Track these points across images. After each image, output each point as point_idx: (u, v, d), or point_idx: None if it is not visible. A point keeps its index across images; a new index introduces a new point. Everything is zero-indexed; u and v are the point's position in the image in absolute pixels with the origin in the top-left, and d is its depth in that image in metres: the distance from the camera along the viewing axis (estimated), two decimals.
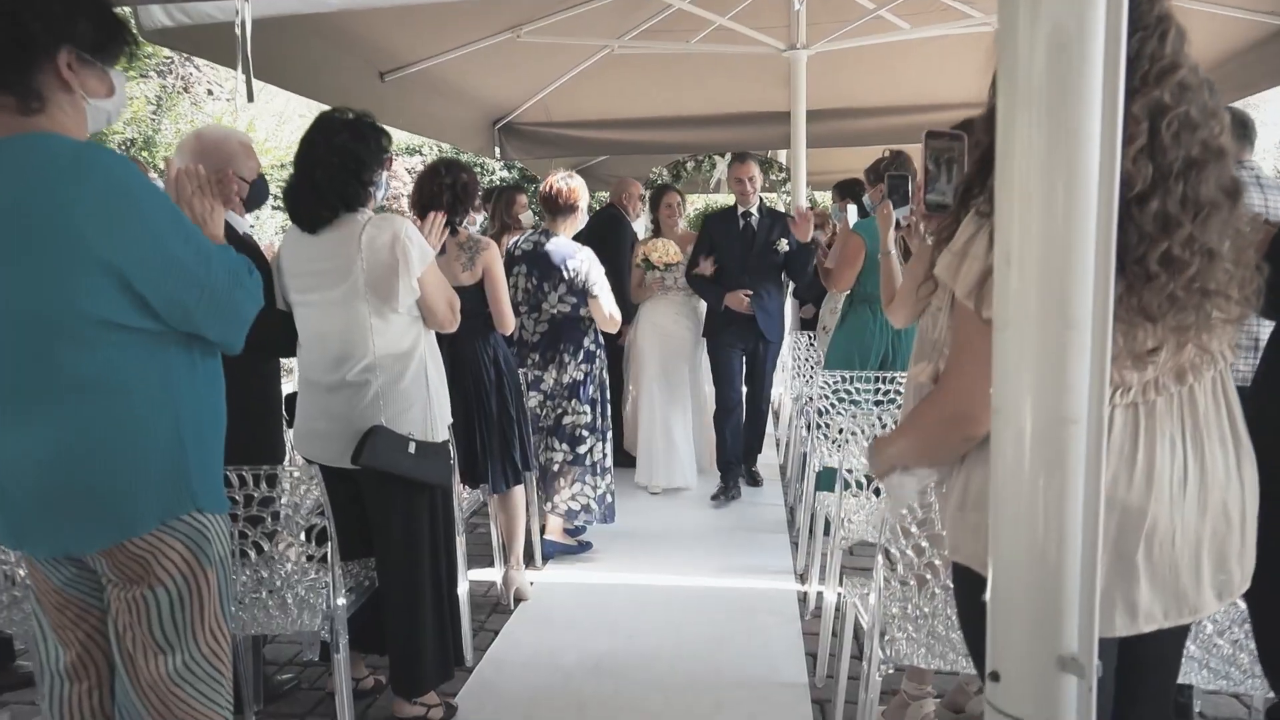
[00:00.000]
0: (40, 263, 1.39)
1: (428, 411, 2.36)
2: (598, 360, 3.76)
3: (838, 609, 2.62)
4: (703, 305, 4.72)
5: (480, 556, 3.71)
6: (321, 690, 2.68)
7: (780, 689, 2.65)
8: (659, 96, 6.51)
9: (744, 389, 4.70)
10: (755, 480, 4.87)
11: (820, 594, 3.03)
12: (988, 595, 1.00)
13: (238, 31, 3.32)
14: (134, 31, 3.08)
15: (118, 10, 1.56)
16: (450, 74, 5.23)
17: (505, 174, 13.38)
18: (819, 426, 3.50)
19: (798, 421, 4.55)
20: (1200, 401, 1.22)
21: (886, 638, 1.90)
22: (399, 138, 12.28)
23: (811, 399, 4.02)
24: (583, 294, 3.59)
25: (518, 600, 3.31)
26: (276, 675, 2.73)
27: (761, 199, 4.59)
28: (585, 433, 3.71)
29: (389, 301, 2.26)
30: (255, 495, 2.09)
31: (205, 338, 1.58)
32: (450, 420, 2.50)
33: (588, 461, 3.73)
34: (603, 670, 2.78)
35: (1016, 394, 0.94)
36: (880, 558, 1.91)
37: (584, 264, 3.58)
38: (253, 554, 2.13)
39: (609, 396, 3.89)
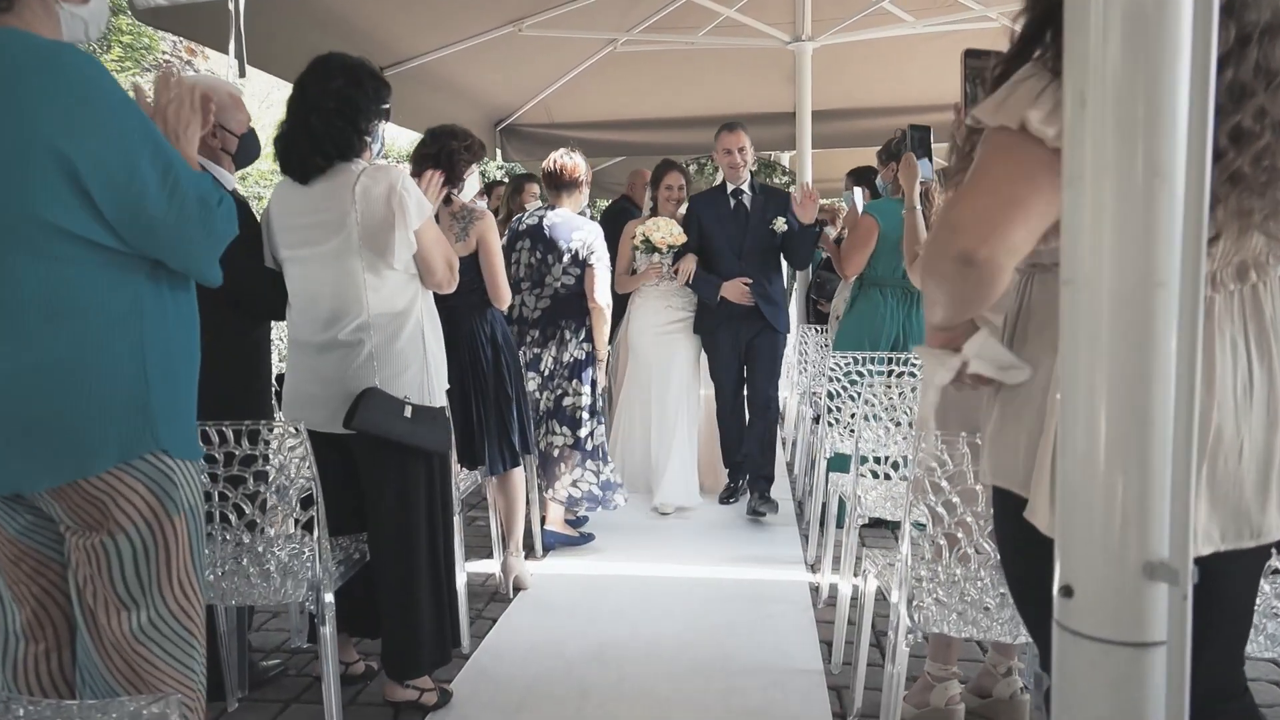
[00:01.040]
0: None
1: (424, 375, 2.24)
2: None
3: (854, 599, 2.48)
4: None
5: (479, 548, 3.58)
6: (309, 676, 2.54)
7: (794, 675, 2.50)
8: (661, 97, 6.44)
9: (744, 392, 4.17)
10: (766, 507, 3.99)
11: (834, 585, 2.89)
12: (1056, 496, 0.87)
13: (230, 4, 3.25)
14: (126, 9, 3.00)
15: None
16: (450, 70, 5.15)
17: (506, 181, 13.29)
18: (830, 410, 3.37)
19: (806, 415, 4.40)
20: (1265, 303, 1.11)
21: (915, 603, 1.76)
22: (402, 143, 12.24)
23: (817, 393, 3.88)
24: (586, 266, 3.48)
25: (517, 589, 3.17)
26: (262, 661, 2.59)
27: (753, 175, 4.08)
28: (585, 415, 3.57)
29: (384, 256, 2.14)
30: (236, 453, 1.95)
31: (171, 267, 1.46)
32: (447, 386, 2.37)
33: (588, 446, 3.59)
34: (606, 658, 2.63)
35: (1092, 256, 0.82)
36: (906, 517, 1.78)
37: (590, 235, 3.48)
38: (234, 517, 1.99)
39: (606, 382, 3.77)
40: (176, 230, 1.40)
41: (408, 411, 2.15)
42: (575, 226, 3.50)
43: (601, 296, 3.50)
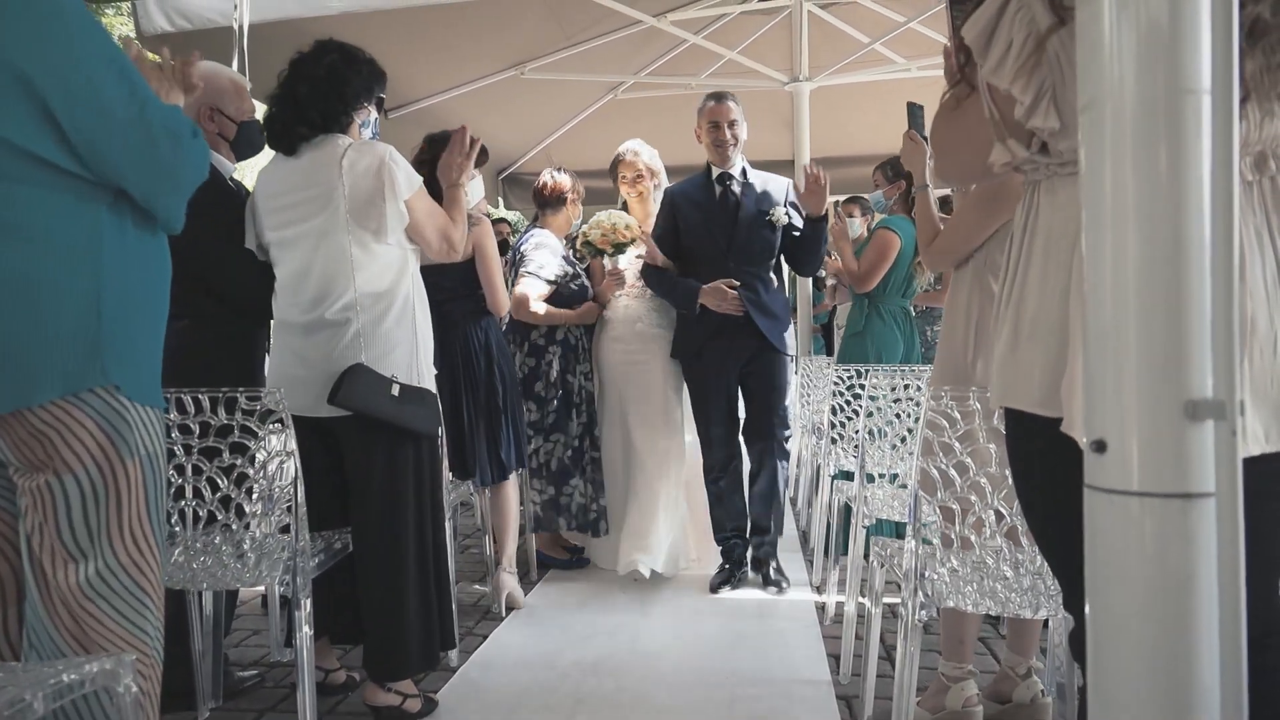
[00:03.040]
0: None
1: (414, 356, 2.16)
2: (548, 355, 3.45)
3: (861, 616, 2.35)
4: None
5: (471, 573, 3.45)
6: (286, 688, 2.39)
7: (802, 685, 2.36)
8: (662, 145, 6.48)
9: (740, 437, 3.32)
10: (777, 582, 3.22)
11: (840, 603, 2.75)
12: (1083, 340, 0.79)
13: (235, 27, 3.30)
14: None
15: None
16: (453, 114, 5.20)
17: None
18: (833, 426, 3.27)
19: (808, 448, 4.27)
20: None
21: (927, 574, 1.64)
22: None
23: (819, 423, 3.75)
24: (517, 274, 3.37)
25: (509, 608, 3.02)
26: (239, 673, 2.45)
27: (744, 160, 3.26)
28: (531, 431, 3.40)
29: (376, 232, 2.09)
30: (212, 423, 1.87)
31: (139, 204, 1.40)
32: (435, 371, 2.29)
33: (534, 464, 3.43)
34: (602, 669, 2.49)
35: (1113, 68, 0.75)
36: (913, 481, 1.68)
37: (529, 244, 3.40)
38: (208, 492, 1.89)
39: (578, 400, 3.47)
40: (142, 154, 1.35)
41: (395, 390, 2.07)
42: (525, 238, 3.45)
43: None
